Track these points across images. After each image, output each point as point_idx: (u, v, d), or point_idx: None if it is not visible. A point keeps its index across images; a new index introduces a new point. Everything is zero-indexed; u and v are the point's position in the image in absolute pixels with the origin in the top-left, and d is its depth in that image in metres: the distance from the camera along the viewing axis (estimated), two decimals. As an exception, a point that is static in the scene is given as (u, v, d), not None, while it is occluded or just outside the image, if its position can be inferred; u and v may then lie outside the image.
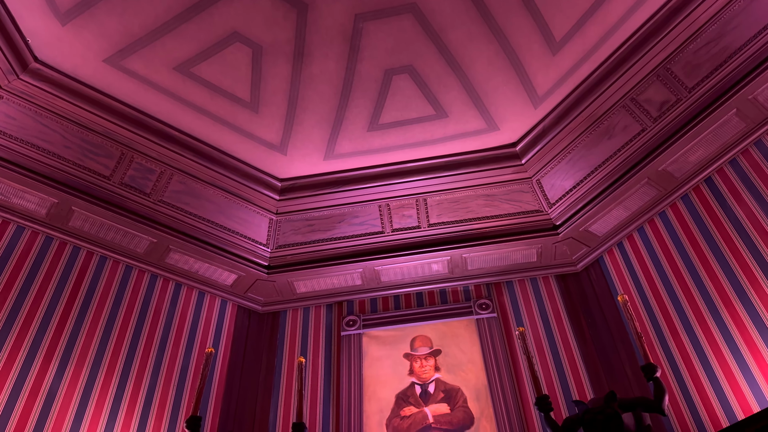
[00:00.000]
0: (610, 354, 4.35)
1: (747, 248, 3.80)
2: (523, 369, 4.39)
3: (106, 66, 4.06)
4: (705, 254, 4.05)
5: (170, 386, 4.28)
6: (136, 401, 4.05)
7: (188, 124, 4.49)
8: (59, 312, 4.07)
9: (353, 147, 4.76)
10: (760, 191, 3.86)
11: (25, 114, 4.08)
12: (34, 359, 3.76)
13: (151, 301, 4.60)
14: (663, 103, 4.16)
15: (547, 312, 4.75)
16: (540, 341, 4.57)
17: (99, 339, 4.15)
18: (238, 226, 4.87)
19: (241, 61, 4.14)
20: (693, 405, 3.70)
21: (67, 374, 3.85)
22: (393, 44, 4.07)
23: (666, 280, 4.23)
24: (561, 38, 4.11)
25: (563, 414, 4.13)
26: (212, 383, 4.51)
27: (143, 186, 4.49)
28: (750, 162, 4.01)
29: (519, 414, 4.08)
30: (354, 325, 4.85)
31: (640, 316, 4.27)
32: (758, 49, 3.75)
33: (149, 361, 4.29)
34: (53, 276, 4.19)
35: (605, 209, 4.54)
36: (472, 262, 4.92)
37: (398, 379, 4.45)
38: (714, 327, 3.81)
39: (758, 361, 3.47)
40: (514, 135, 4.74)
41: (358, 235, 4.99)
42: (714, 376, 3.67)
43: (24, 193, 4.12)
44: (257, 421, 4.43)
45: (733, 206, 3.99)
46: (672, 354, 3.97)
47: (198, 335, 4.68)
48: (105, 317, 4.27)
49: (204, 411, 4.31)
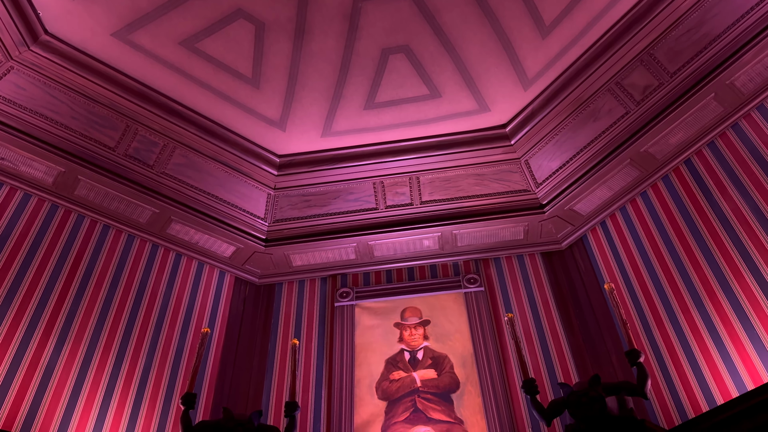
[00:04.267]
0: (593, 334, 4.47)
1: (723, 228, 3.97)
2: (508, 341, 4.57)
3: (113, 40, 4.22)
4: (683, 232, 4.23)
5: (167, 362, 4.36)
6: (133, 376, 4.13)
7: (191, 99, 4.66)
8: (61, 281, 4.17)
9: (350, 125, 4.95)
10: (737, 173, 4.03)
11: (35, 85, 4.23)
12: (33, 333, 3.83)
13: (152, 270, 4.75)
14: (646, 87, 4.36)
15: (533, 288, 4.94)
16: (525, 317, 4.74)
17: (99, 310, 4.24)
18: (237, 200, 5.05)
19: (244, 37, 4.31)
20: (674, 390, 3.81)
21: (66, 347, 3.92)
22: (390, 24, 4.25)
23: (645, 257, 4.39)
24: (550, 22, 4.30)
25: (547, 388, 4.29)
26: (209, 353, 4.64)
27: (147, 158, 4.65)
28: (727, 144, 4.18)
29: (502, 379, 4.30)
30: (347, 296, 5.05)
31: (623, 296, 4.42)
32: (736, 37, 3.95)
33: (147, 333, 4.39)
34: (57, 243, 4.31)
35: (589, 189, 4.74)
36: (461, 238, 5.12)
37: (388, 346, 4.66)
38: (693, 306, 3.91)
39: (739, 350, 3.57)
40: (504, 116, 4.94)
41: (352, 211, 5.18)
42: (696, 363, 3.77)
43: (32, 162, 4.27)
44: (252, 390, 4.57)
45: (711, 187, 4.16)
46: (655, 339, 4.06)
47: (197, 304, 4.85)
48: (106, 286, 4.38)
49: (199, 386, 4.42)
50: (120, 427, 3.88)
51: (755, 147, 4.00)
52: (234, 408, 4.36)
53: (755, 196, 3.87)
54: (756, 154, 3.97)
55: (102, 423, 3.82)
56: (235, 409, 4.35)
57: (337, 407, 4.34)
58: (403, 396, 4.32)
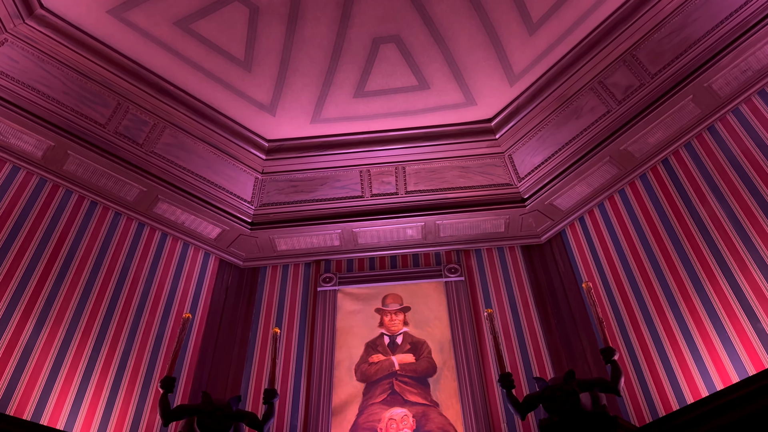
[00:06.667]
0: (569, 330, 4.57)
1: (698, 229, 4.08)
2: (486, 334, 4.66)
3: (108, 17, 4.27)
4: (658, 230, 4.35)
5: (147, 345, 4.37)
6: (113, 358, 4.15)
7: (183, 79, 4.72)
8: (45, 258, 4.18)
9: (339, 112, 5.04)
10: (712, 175, 4.16)
11: (28, 58, 4.26)
12: (14, 311, 3.82)
13: (137, 249, 4.79)
14: (628, 87, 4.50)
15: (512, 280, 5.06)
16: (503, 309, 4.84)
17: (81, 290, 4.24)
18: (224, 182, 5.12)
19: (237, 20, 4.38)
20: (647, 388, 3.89)
21: (47, 327, 3.93)
22: (382, 12, 4.35)
23: (622, 253, 4.51)
24: (538, 19, 4.42)
25: (522, 383, 4.38)
26: (190, 337, 4.67)
27: (136, 136, 4.70)
28: (703, 146, 4.32)
29: (478, 365, 4.41)
30: (330, 281, 5.14)
31: (599, 293, 4.52)
32: (714, 41, 4.10)
33: (129, 314, 4.40)
34: (44, 218, 4.33)
35: (569, 185, 4.87)
36: (444, 229, 5.23)
37: (369, 330, 4.75)
38: (667, 306, 4.01)
39: (710, 351, 3.66)
40: (490, 111, 5.06)
41: (338, 198, 5.27)
42: (668, 362, 3.86)
43: (22, 134, 4.29)
44: (231, 376, 4.62)
45: (687, 187, 4.29)
46: (629, 338, 4.15)
47: (181, 284, 4.90)
48: (90, 264, 4.40)
49: (179, 371, 4.44)
50: (97, 409, 3.89)
51: (729, 150, 4.12)
52: (213, 394, 4.40)
53: (729, 198, 3.98)
54: (730, 156, 4.10)
55: (79, 404, 3.82)
56: (214, 395, 4.39)
57: (316, 388, 4.42)
58: (381, 378, 4.42)
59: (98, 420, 3.85)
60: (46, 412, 3.65)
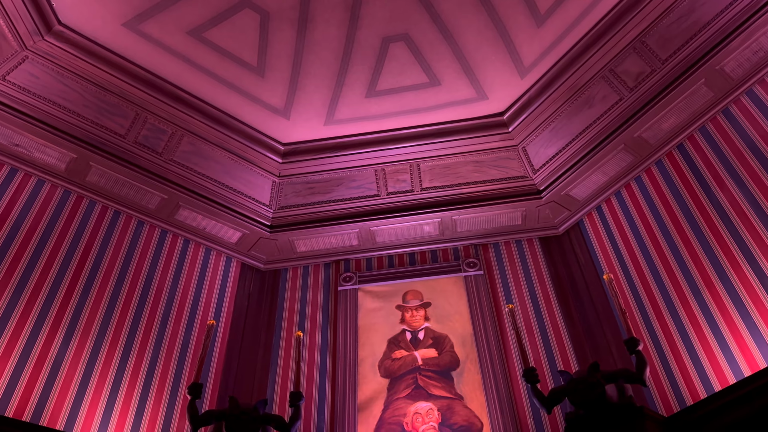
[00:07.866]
0: (592, 323, 4.55)
1: (717, 213, 4.06)
2: (508, 328, 4.65)
3: (124, 29, 4.38)
4: (677, 217, 4.33)
5: (173, 353, 4.44)
6: (140, 367, 4.21)
7: (198, 88, 4.82)
8: (71, 270, 4.26)
9: (352, 113, 5.10)
10: (728, 158, 4.13)
11: (48, 74, 4.38)
12: (43, 323, 3.90)
13: (161, 256, 4.89)
14: (639, 74, 4.50)
15: (531, 273, 5.06)
16: (524, 302, 4.85)
17: (108, 299, 4.32)
18: (243, 187, 5.20)
19: (249, 26, 4.47)
20: (673, 377, 3.85)
21: (75, 338, 4.00)
22: (390, 12, 4.40)
23: (641, 241, 4.50)
24: (545, 11, 4.45)
25: (547, 376, 4.38)
26: (215, 343, 4.73)
27: (156, 145, 4.81)
28: (718, 129, 4.29)
29: (501, 357, 4.43)
30: (350, 281, 5.19)
31: (620, 283, 4.49)
32: (725, 23, 4.07)
33: (155, 321, 4.49)
34: (69, 229, 4.44)
35: (585, 174, 4.87)
36: (461, 224, 5.25)
37: (390, 327, 4.80)
38: (690, 294, 3.98)
39: (736, 338, 3.62)
40: (502, 104, 5.08)
41: (355, 198, 5.33)
42: (693, 351, 3.82)
43: (45, 148, 4.41)
44: (257, 380, 4.67)
45: (704, 172, 4.26)
46: (653, 327, 4.12)
47: (204, 288, 4.99)
48: (115, 273, 4.49)
49: (205, 377, 4.50)
50: (127, 418, 3.96)
51: (745, 131, 4.10)
52: (240, 398, 4.43)
53: (747, 181, 3.95)
54: (746, 138, 4.07)
55: (110, 414, 3.89)
56: (241, 400, 4.41)
57: (341, 386, 4.48)
58: (404, 374, 4.46)
59: (129, 429, 3.91)
60: (78, 422, 3.72)
